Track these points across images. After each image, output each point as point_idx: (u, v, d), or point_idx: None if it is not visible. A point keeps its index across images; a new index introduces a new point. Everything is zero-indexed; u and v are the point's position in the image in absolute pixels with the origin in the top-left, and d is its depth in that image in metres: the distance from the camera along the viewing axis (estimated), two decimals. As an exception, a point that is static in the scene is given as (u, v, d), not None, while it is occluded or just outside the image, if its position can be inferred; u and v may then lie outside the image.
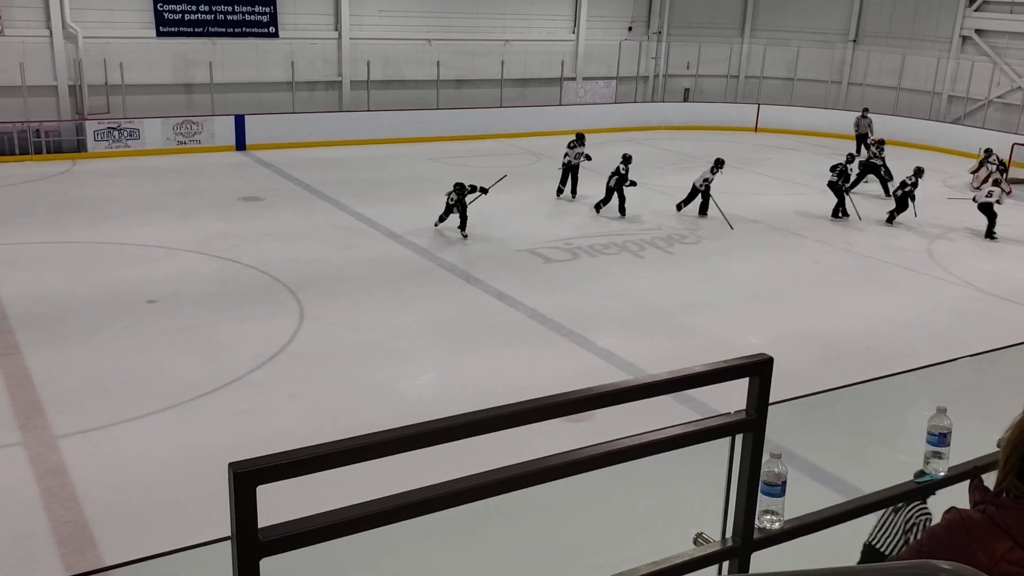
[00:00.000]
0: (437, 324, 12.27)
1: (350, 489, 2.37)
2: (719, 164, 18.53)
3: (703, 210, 18.46)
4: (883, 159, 21.51)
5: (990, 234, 17.73)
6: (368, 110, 25.88)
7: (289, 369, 10.68)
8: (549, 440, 2.72)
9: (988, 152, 22.33)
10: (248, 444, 8.07)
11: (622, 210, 18.16)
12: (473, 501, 2.15)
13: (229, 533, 1.90)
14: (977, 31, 28.32)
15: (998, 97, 28.00)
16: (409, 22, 26.72)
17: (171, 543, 5.51)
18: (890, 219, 18.70)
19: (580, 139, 19.84)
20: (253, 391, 10.11)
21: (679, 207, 18.72)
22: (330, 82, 26.13)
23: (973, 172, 22.19)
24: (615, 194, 18.20)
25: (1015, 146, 23.91)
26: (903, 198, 18.64)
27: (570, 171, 19.51)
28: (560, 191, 19.61)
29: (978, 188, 21.67)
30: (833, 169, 19.04)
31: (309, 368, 10.73)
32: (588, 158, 19.48)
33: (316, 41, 25.68)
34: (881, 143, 22.39)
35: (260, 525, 1.90)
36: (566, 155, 19.47)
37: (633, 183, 18.14)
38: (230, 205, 18.09)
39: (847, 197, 18.98)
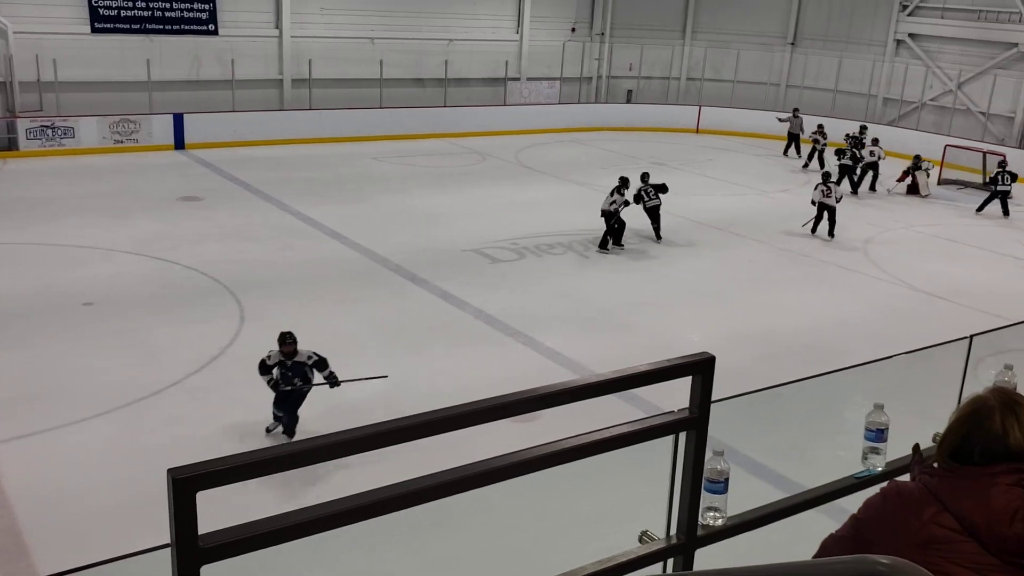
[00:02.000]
0: (382, 325, 12.19)
1: (293, 493, 2.34)
2: (624, 183, 16.49)
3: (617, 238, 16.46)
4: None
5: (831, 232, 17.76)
6: (310, 109, 25.61)
7: (229, 372, 10.52)
8: (495, 441, 2.72)
9: (917, 159, 22.83)
10: (188, 449, 7.92)
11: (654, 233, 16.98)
12: (419, 504, 2.14)
13: (169, 540, 1.86)
14: (910, 35, 29.04)
15: (931, 100, 28.75)
16: (352, 20, 26.49)
17: (108, 551, 5.38)
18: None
19: (624, 183, 16.57)
20: (193, 395, 9.93)
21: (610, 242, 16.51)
22: (271, 80, 25.79)
23: (899, 180, 22.62)
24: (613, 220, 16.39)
25: (947, 147, 24.58)
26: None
27: (612, 217, 16.40)
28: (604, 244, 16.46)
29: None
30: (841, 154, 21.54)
31: (250, 371, 10.55)
32: (627, 203, 16.48)
33: (257, 39, 25.32)
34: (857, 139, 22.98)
35: (200, 531, 1.86)
36: (612, 202, 16.36)
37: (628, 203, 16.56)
38: (168, 205, 17.75)
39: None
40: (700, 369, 2.60)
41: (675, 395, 2.83)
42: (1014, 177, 20.90)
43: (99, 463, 8.43)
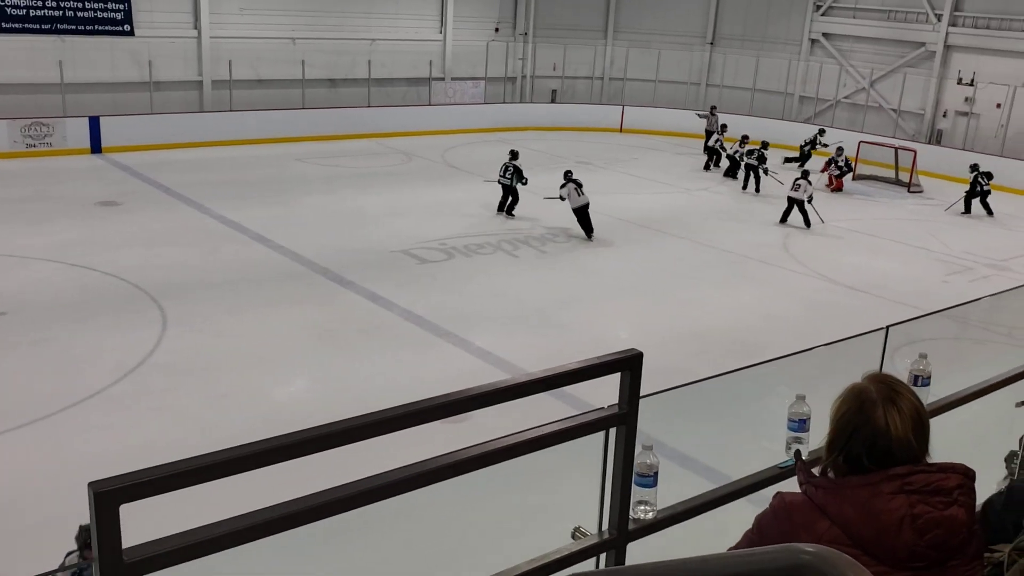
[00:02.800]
0: (309, 329, 12.04)
1: (221, 503, 2.30)
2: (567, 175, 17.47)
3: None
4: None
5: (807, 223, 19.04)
6: (231, 110, 25.12)
7: (153, 380, 10.27)
8: (426, 443, 2.71)
9: (840, 150, 23.51)
10: (111, 461, 7.70)
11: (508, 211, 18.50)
12: (350, 510, 2.12)
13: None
14: (824, 34, 29.85)
15: (845, 97, 29.59)
16: (272, 20, 26.08)
17: (30, 569, 5.21)
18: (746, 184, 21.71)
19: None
20: (115, 405, 9.67)
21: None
22: (190, 82, 25.23)
23: (823, 171, 23.31)
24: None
25: (862, 144, 25.32)
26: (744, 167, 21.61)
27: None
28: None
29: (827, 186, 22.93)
30: (750, 154, 21.99)
31: (174, 379, 10.34)
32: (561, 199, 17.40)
33: (175, 40, 24.74)
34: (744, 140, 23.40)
35: (125, 545, 1.82)
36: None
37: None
38: (86, 210, 17.23)
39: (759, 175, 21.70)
40: (628, 365, 2.64)
41: (602, 390, 2.86)
42: (990, 176, 21.41)
43: (20, 478, 8.14)
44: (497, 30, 31.28)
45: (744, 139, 23.28)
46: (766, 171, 21.75)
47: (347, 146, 25.17)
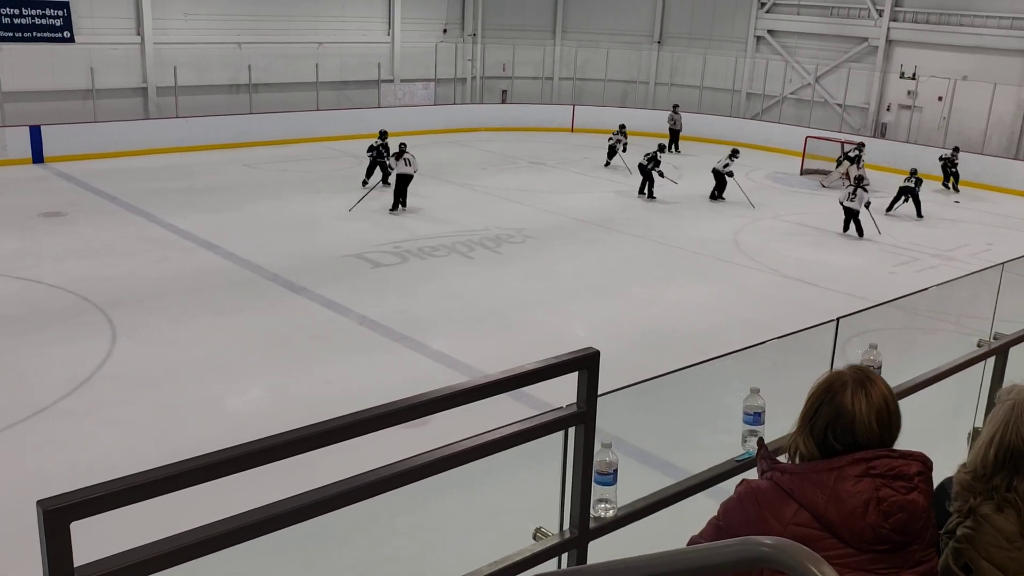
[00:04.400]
0: (262, 336, 11.90)
1: (177, 516, 2.26)
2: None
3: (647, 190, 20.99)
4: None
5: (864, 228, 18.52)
6: (177, 117, 24.75)
7: (104, 393, 10.08)
8: (385, 449, 2.69)
9: (861, 147, 23.96)
10: (62, 477, 7.55)
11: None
12: (310, 518, 2.10)
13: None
14: (769, 31, 30.28)
15: (791, 93, 30.04)
16: (217, 25, 25.75)
17: (-22, 591, 5.07)
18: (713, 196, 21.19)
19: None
20: (65, 419, 9.47)
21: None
22: (134, 89, 24.81)
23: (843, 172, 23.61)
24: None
25: (808, 139, 25.73)
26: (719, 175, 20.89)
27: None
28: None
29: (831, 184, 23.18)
30: (646, 156, 21.10)
31: (125, 391, 10.16)
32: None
33: (117, 46, 24.30)
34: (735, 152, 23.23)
35: (76, 564, 1.77)
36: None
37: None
38: (29, 222, 16.86)
39: (655, 177, 21.11)
40: (586, 364, 2.64)
41: (562, 388, 2.86)
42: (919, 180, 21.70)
43: (-37, 498, 7.93)
44: (445, 31, 31.23)
45: (661, 149, 22.24)
46: (660, 174, 21.05)
47: (296, 150, 24.95)
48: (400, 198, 18.57)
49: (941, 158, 24.01)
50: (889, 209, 20.78)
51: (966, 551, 2.20)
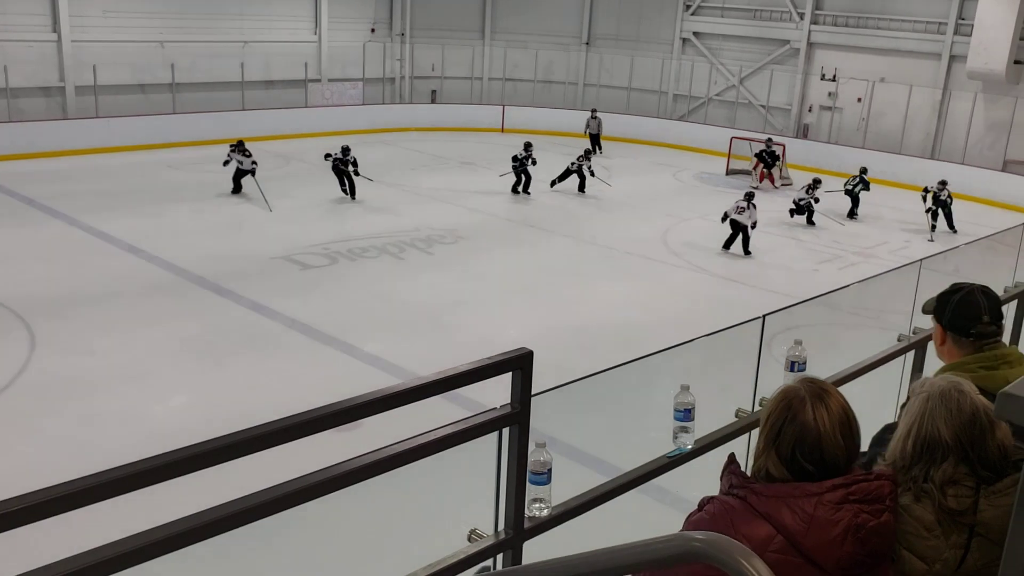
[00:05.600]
0: (187, 341, 11.65)
1: (100, 527, 2.19)
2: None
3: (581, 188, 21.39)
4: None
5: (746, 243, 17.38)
6: (97, 117, 24.06)
7: (21, 403, 9.74)
8: (317, 454, 2.65)
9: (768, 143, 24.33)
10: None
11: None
12: (241, 526, 2.06)
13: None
14: (695, 33, 30.77)
15: (716, 95, 30.58)
16: (139, 23, 25.10)
17: None
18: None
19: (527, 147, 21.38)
20: (-20, 430, 9.13)
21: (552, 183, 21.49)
22: (51, 88, 24.04)
23: (754, 168, 23.92)
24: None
25: (733, 139, 26.21)
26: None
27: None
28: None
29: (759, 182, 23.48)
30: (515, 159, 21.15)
31: (44, 400, 9.83)
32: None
33: (31, 44, 23.51)
34: None
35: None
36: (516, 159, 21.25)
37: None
38: (-61, 226, 16.23)
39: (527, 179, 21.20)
40: (519, 364, 2.65)
41: (496, 388, 2.86)
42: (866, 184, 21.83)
43: None
44: (373, 31, 30.99)
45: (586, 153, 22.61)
46: (591, 172, 21.50)
47: (221, 151, 24.40)
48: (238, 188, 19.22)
49: (927, 195, 19.92)
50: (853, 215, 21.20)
51: None
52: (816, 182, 19.72)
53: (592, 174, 21.64)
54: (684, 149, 28.65)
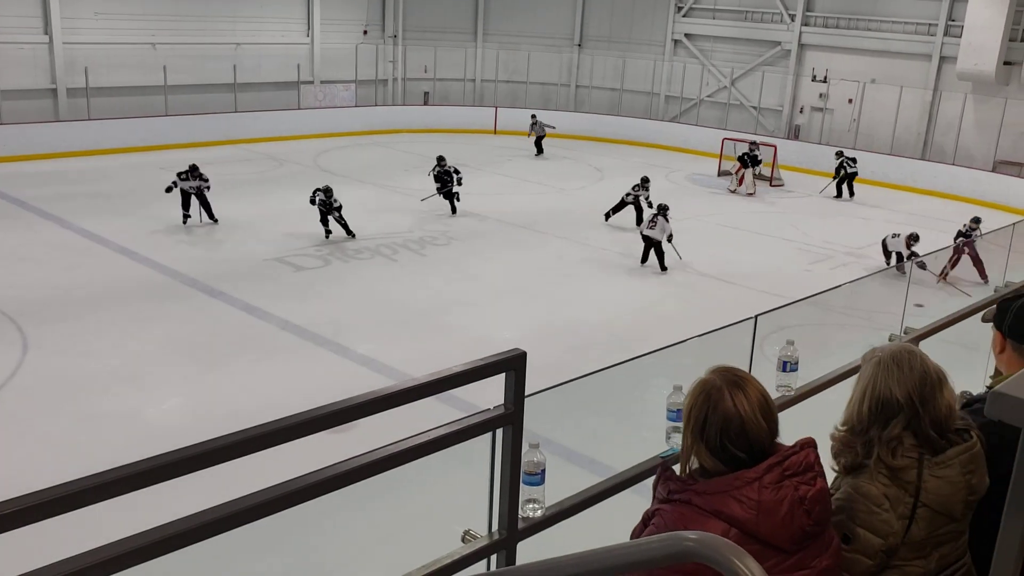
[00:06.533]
0: (180, 343, 11.63)
1: (95, 530, 2.19)
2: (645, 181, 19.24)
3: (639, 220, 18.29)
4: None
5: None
6: (89, 119, 24.00)
7: (15, 406, 9.72)
8: (309, 456, 2.66)
9: (754, 145, 24.19)
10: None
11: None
12: (234, 528, 2.06)
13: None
14: (686, 35, 30.83)
15: (708, 96, 30.64)
16: (130, 25, 25.05)
17: None
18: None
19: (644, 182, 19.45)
20: (-28, 433, 9.10)
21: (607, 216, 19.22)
22: (43, 90, 23.97)
23: (736, 171, 23.70)
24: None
25: (724, 140, 26.27)
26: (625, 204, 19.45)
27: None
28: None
29: (738, 187, 23.31)
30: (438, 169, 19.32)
31: (38, 403, 9.81)
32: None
33: (23, 46, 23.44)
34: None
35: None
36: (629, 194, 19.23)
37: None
38: (-70, 228, 16.17)
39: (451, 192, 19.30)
40: (513, 365, 2.65)
41: (488, 389, 2.87)
42: (855, 160, 23.25)
43: None
44: (366, 32, 30.97)
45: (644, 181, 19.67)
46: (648, 203, 18.82)
47: (214, 153, 24.41)
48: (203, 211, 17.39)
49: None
50: (837, 195, 22.61)
51: (841, 523, 2.30)
52: (913, 238, 16.29)
53: (650, 205, 18.17)
54: (676, 150, 28.71)
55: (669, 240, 16.07)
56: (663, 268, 16.08)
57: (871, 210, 22.13)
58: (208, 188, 17.23)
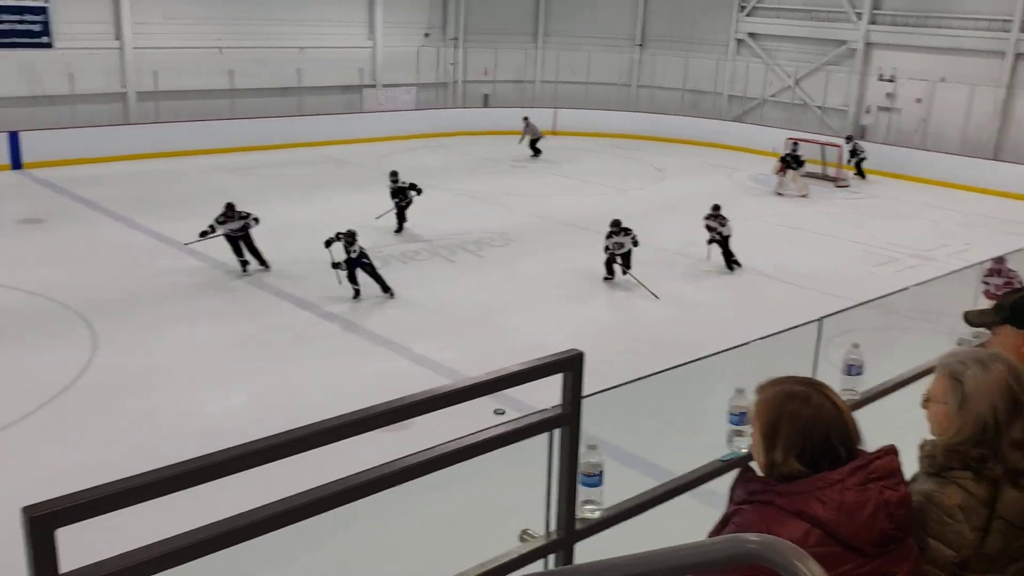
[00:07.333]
0: (243, 341, 11.85)
1: (159, 524, 2.24)
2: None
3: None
4: None
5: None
6: (157, 122, 24.62)
7: (84, 400, 10.00)
8: (366, 453, 2.68)
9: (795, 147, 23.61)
10: (45, 484, 7.48)
11: None
12: (293, 523, 2.09)
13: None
14: (750, 34, 30.43)
15: (772, 96, 30.20)
16: (198, 30, 25.62)
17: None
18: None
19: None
20: (47, 427, 9.39)
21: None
22: (114, 94, 24.65)
23: (777, 172, 23.16)
24: None
25: (787, 140, 25.85)
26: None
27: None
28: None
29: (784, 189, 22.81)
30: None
31: (106, 398, 10.09)
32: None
33: (96, 51, 24.13)
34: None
35: (61, 571, 1.76)
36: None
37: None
38: (7, 228, 16.72)
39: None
40: (570, 366, 2.64)
41: (543, 393, 2.86)
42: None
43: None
44: (427, 35, 31.20)
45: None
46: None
47: (277, 156, 24.85)
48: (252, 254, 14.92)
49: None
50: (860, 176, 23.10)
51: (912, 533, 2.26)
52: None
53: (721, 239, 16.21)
54: (739, 150, 28.36)
55: (623, 259, 14.85)
56: (732, 266, 16.09)
57: (940, 212, 21.58)
58: (256, 223, 14.70)
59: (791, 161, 22.86)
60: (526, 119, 26.65)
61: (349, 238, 13.78)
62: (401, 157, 25.62)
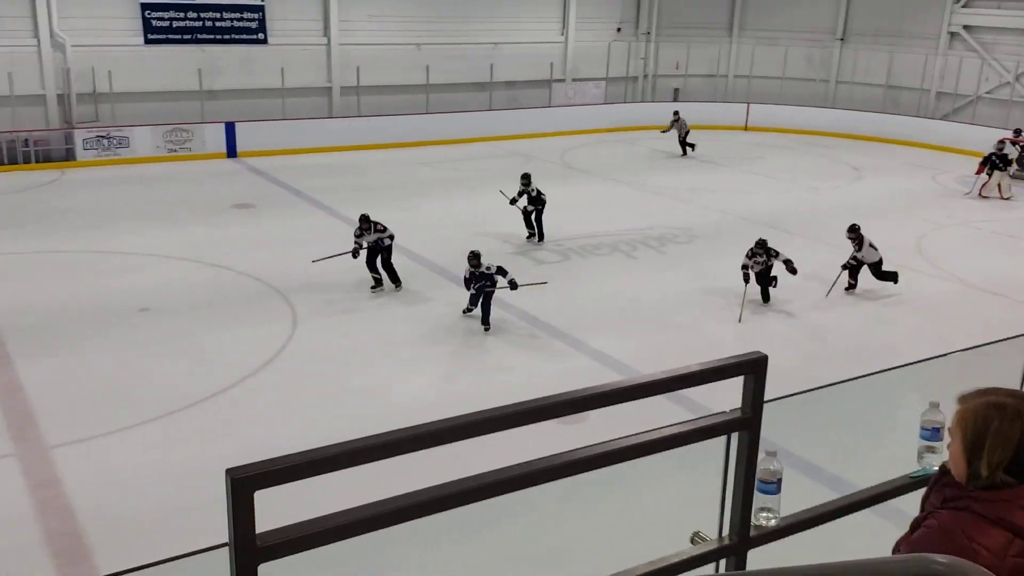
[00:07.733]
0: (427, 328, 12.27)
1: (345, 493, 2.37)
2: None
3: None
4: None
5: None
6: (358, 116, 25.87)
7: (283, 375, 10.68)
8: (541, 443, 2.73)
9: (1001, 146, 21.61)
10: (239, 452, 8.06)
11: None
12: (469, 503, 2.16)
13: (225, 540, 1.90)
14: (965, 27, 28.42)
15: (987, 92, 28.11)
16: (398, 27, 26.71)
17: (166, 552, 5.49)
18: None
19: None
20: (246, 398, 10.10)
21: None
22: (320, 88, 26.10)
23: (978, 174, 21.26)
24: None
25: (1002, 140, 23.98)
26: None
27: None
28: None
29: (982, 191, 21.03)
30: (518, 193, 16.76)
31: (304, 374, 10.72)
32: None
33: (306, 47, 25.65)
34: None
35: (258, 531, 1.90)
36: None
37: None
38: (221, 212, 18.06)
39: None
40: (752, 368, 2.59)
41: (716, 395, 2.81)
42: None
43: (155, 467, 8.60)
44: (619, 30, 31.11)
45: None
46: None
47: (468, 150, 25.51)
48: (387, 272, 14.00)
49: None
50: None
51: None
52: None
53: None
54: (947, 150, 26.58)
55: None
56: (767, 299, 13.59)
57: None
58: (391, 239, 13.82)
59: (997, 161, 21.10)
60: (676, 113, 25.88)
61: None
62: (585, 151, 25.71)
